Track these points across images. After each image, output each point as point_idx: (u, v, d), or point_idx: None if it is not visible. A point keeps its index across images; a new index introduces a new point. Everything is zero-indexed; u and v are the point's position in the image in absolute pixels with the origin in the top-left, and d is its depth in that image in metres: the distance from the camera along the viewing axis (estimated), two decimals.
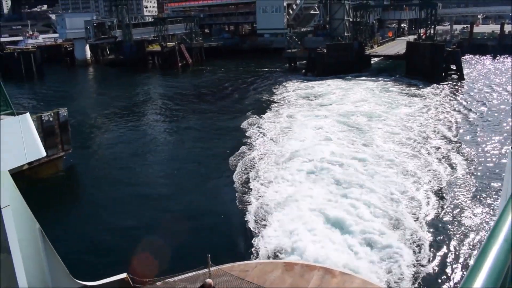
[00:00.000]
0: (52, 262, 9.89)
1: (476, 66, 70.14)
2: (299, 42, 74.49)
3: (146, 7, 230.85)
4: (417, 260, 16.19)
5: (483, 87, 51.42)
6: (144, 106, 50.70)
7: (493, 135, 32.01)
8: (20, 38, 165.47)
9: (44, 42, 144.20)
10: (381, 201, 20.62)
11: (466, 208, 20.55)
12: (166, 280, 12.38)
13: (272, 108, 44.10)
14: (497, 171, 24.71)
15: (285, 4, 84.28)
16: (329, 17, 73.14)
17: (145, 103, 52.42)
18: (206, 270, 12.06)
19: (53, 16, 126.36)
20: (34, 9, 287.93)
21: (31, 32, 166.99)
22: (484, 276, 1.37)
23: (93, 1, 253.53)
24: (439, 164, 25.70)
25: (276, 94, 51.59)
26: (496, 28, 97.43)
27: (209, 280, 10.92)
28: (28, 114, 8.33)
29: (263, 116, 40.37)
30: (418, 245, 17.15)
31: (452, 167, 25.35)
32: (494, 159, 26.92)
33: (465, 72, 57.66)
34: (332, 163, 25.89)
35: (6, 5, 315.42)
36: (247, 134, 34.29)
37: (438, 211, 20.25)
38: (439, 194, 21.81)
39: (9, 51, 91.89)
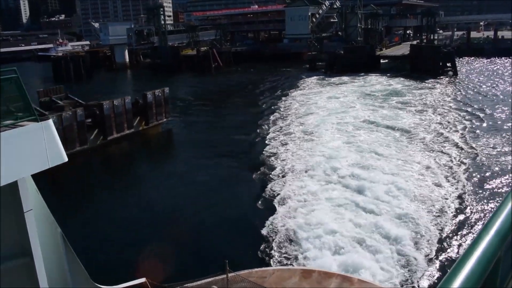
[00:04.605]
0: (73, 266, 9.98)
1: (470, 66, 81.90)
2: (318, 46, 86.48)
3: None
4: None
5: (471, 80, 63.53)
6: (202, 99, 62.63)
7: (475, 105, 43.74)
8: (50, 45, 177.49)
9: (73, 49, 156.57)
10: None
11: None
12: (185, 285, 12.51)
13: (303, 89, 57.53)
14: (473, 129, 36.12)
15: (309, 13, 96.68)
16: (344, 24, 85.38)
17: (200, 97, 64.30)
18: (224, 276, 12.11)
19: (96, 25, 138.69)
20: (53, 19, 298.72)
21: (61, 40, 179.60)
22: (469, 270, 1.41)
23: (112, 10, 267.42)
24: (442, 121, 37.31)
25: (303, 85, 63.86)
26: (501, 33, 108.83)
27: (214, 287, 11.36)
28: (51, 120, 8.22)
29: (297, 92, 53.49)
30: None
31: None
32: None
33: (459, 69, 69.45)
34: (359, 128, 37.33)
35: (25, 15, 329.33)
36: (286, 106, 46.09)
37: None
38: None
39: (61, 55, 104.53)
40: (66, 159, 8.11)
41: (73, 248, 9.91)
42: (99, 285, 11.08)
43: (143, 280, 12.59)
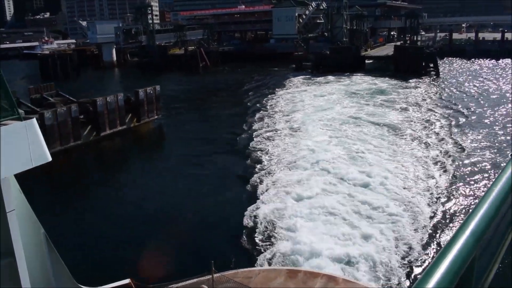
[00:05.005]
0: (56, 267, 9.94)
1: (452, 66, 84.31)
2: (304, 47, 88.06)
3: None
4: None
5: (453, 80, 65.99)
6: (191, 97, 63.66)
7: (455, 103, 45.67)
8: (35, 43, 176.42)
9: (59, 47, 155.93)
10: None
11: None
12: (170, 286, 12.48)
13: (289, 88, 59.45)
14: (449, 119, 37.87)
15: (296, 14, 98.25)
16: (330, 25, 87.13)
17: (188, 96, 65.33)
18: (210, 276, 12.09)
19: (83, 23, 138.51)
20: (38, 17, 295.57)
21: (46, 38, 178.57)
22: (444, 270, 1.41)
23: (98, 9, 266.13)
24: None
25: (290, 84, 65.30)
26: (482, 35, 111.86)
27: (204, 287, 11.35)
28: (34, 119, 8.05)
29: (283, 91, 55.22)
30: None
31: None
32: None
33: (441, 70, 71.63)
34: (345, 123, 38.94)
35: (9, 12, 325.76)
36: (272, 104, 47.41)
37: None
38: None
39: (48, 53, 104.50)
40: (50, 159, 7.93)
41: (58, 245, 9.88)
42: (82, 286, 11.01)
43: (127, 281, 12.45)
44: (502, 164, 26.36)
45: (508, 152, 29.16)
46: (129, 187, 27.58)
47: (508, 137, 33.78)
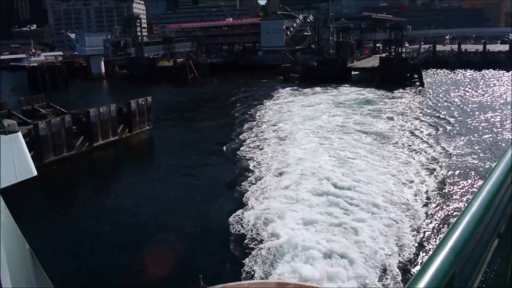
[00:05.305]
0: (41, 284, 9.11)
1: (436, 77, 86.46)
2: (292, 58, 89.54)
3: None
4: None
5: (436, 90, 67.84)
6: (180, 109, 64.36)
7: (439, 112, 47.03)
8: (23, 55, 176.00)
9: (46, 59, 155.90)
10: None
11: None
12: None
13: (277, 99, 60.51)
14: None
15: (284, 26, 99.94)
16: (317, 37, 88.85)
17: (178, 107, 66.04)
18: None
19: (72, 35, 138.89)
20: (24, 29, 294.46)
21: (34, 50, 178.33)
22: (424, 286, 1.40)
23: (86, 21, 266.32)
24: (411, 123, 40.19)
25: (278, 95, 66.44)
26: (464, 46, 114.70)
27: None
28: (19, 133, 7.73)
29: (271, 102, 56.36)
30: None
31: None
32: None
33: (425, 80, 73.46)
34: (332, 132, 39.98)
35: None
36: (261, 116, 48.35)
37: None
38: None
39: (36, 65, 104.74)
40: (35, 173, 7.70)
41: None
42: None
43: None
44: (484, 174, 27.32)
45: (489, 164, 30.22)
46: (121, 197, 28.07)
47: (490, 144, 35.04)
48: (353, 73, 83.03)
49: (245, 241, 19.16)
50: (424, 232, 19.46)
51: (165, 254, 18.40)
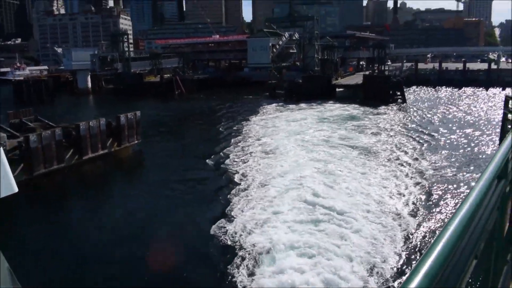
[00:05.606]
0: None
1: (418, 94, 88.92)
2: (278, 75, 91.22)
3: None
4: None
5: (418, 106, 70.22)
6: (167, 124, 65.03)
7: (421, 127, 48.57)
8: (7, 69, 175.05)
9: (31, 73, 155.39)
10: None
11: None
12: None
13: (263, 114, 61.67)
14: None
15: (270, 44, 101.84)
16: (303, 55, 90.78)
17: (165, 122, 66.73)
18: None
19: (59, 50, 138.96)
20: (9, 42, 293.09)
21: (18, 64, 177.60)
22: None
23: (72, 36, 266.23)
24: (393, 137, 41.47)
25: (263, 110, 67.61)
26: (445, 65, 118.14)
27: None
28: (1, 148, 7.41)
29: (257, 117, 57.27)
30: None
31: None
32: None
33: (408, 97, 75.56)
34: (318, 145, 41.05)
35: None
36: (248, 131, 49.31)
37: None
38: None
39: (22, 79, 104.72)
40: (16, 190, 8.11)
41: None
42: None
43: None
44: (462, 188, 28.38)
45: (468, 176, 31.44)
46: (110, 209, 28.43)
47: (469, 159, 36.44)
48: (337, 89, 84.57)
49: (229, 250, 19.55)
50: (400, 254, 19.16)
51: (151, 264, 18.78)
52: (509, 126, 29.20)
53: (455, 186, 28.89)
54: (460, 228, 1.86)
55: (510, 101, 30.96)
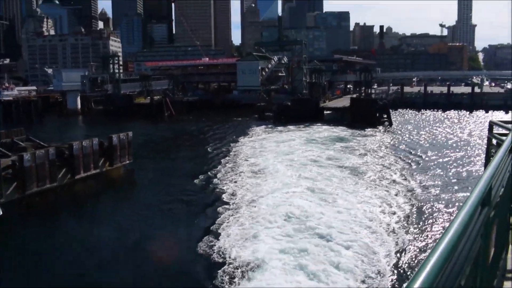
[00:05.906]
0: None
1: (403, 117, 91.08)
2: (267, 98, 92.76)
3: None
4: None
5: (404, 129, 72.25)
6: (158, 145, 65.61)
7: (407, 149, 49.81)
8: None
9: (20, 93, 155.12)
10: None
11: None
12: None
13: (252, 136, 63.11)
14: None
15: (259, 67, 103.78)
16: (291, 78, 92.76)
17: (155, 143, 67.29)
18: None
19: (49, 70, 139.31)
20: None
21: (7, 84, 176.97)
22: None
23: (61, 57, 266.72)
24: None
25: (252, 132, 68.68)
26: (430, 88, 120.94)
27: None
28: None
29: (246, 139, 58.64)
30: None
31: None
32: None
33: (394, 120, 77.43)
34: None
35: None
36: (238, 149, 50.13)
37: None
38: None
39: (11, 99, 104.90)
40: (1, 213, 7.36)
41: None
42: None
43: None
44: (448, 216, 29.08)
45: (454, 203, 32.39)
46: (101, 228, 28.63)
47: (455, 179, 37.56)
48: (325, 112, 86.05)
49: (216, 266, 20.06)
50: (384, 275, 19.34)
51: (142, 280, 19.49)
52: (493, 151, 30.17)
53: (440, 207, 29.71)
54: (444, 256, 1.85)
55: (494, 126, 32.14)
